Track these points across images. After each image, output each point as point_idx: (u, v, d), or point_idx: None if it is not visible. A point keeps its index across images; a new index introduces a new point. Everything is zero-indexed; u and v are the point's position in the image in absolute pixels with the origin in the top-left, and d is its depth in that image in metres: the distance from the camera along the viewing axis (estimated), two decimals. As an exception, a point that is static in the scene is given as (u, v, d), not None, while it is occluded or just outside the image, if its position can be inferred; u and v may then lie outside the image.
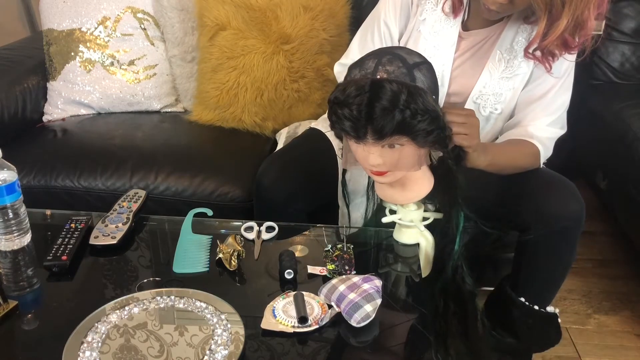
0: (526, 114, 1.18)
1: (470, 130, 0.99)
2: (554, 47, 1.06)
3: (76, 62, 1.76)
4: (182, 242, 1.12)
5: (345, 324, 0.90)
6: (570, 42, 1.05)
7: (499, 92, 1.18)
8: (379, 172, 0.99)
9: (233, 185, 1.47)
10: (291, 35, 1.64)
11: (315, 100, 1.71)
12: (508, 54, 1.17)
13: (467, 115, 1.00)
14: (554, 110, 1.18)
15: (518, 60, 1.16)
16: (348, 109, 0.90)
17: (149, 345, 0.86)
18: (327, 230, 1.18)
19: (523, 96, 1.19)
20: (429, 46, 1.20)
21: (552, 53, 1.09)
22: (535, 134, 1.16)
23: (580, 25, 1.02)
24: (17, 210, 1.07)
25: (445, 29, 1.19)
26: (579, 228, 1.14)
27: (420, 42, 1.20)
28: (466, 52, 1.20)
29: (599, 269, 1.90)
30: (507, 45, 1.17)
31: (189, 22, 1.74)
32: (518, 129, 1.18)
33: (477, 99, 1.19)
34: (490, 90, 1.18)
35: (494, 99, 1.18)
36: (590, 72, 2.01)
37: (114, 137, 1.63)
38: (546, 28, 1.01)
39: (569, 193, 1.13)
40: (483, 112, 1.19)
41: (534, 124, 1.17)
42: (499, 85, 1.18)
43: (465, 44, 1.20)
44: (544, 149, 1.17)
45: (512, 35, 1.16)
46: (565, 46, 1.06)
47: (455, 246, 0.99)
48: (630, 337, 1.61)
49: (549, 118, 1.18)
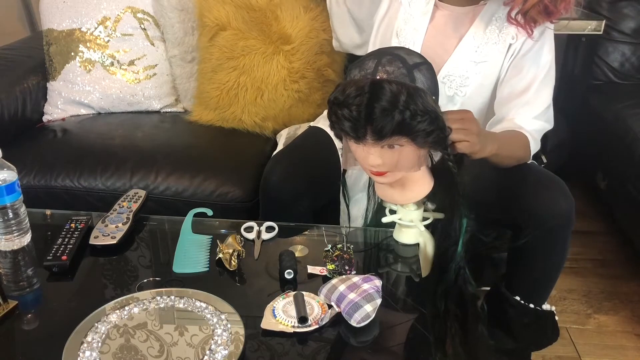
0: (510, 108, 1.19)
1: (469, 136, 0.97)
2: (534, 12, 1.08)
3: (76, 62, 1.76)
4: (182, 242, 1.12)
5: (345, 324, 0.90)
6: (550, 9, 1.07)
7: (466, 75, 1.19)
8: (378, 173, 0.99)
9: (233, 185, 1.47)
10: (291, 36, 1.64)
11: (316, 100, 1.71)
12: (481, 38, 1.18)
13: (463, 119, 0.98)
14: (538, 104, 1.19)
15: (489, 46, 1.18)
16: (348, 110, 0.90)
17: (149, 345, 0.86)
18: (327, 230, 1.18)
19: (505, 92, 1.20)
20: (408, 15, 1.22)
21: (534, 19, 1.10)
22: (523, 127, 1.17)
23: None
24: (17, 210, 1.07)
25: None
26: (570, 226, 1.15)
27: (400, 11, 1.23)
28: (439, 26, 1.21)
29: (599, 269, 1.90)
30: (481, 31, 1.18)
31: (189, 22, 1.74)
32: (505, 123, 1.19)
33: (444, 77, 1.20)
34: (457, 72, 1.19)
35: (460, 81, 1.20)
36: (590, 72, 2.01)
37: (114, 137, 1.63)
38: None
39: (558, 191, 1.13)
40: (448, 92, 1.21)
41: (520, 117, 1.18)
42: (467, 67, 1.19)
43: (440, 16, 1.21)
44: (533, 141, 1.18)
45: (487, 20, 1.18)
46: (546, 12, 1.08)
47: (458, 248, 0.99)
48: (630, 337, 1.61)
49: (534, 111, 1.18)
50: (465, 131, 0.97)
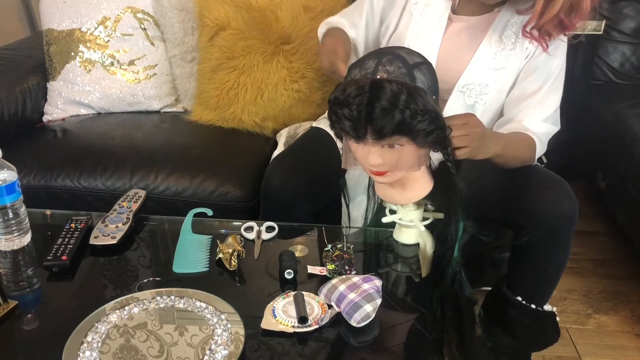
0: (519, 110, 1.19)
1: (469, 142, 0.96)
2: (550, 27, 1.08)
3: (76, 62, 1.76)
4: (182, 242, 1.12)
5: (345, 324, 0.90)
6: (566, 23, 1.07)
7: (485, 82, 1.19)
8: (378, 172, 0.99)
9: (233, 185, 1.47)
10: (291, 36, 1.64)
11: (316, 100, 1.71)
12: (497, 45, 1.18)
13: (465, 124, 0.97)
14: (547, 107, 1.18)
15: (506, 53, 1.17)
16: (348, 109, 0.90)
17: (149, 345, 0.86)
18: (327, 230, 1.18)
19: (515, 93, 1.20)
20: (420, 28, 1.21)
21: (549, 33, 1.10)
22: (531, 129, 1.17)
23: (576, 6, 1.04)
24: (17, 210, 1.07)
25: (435, 11, 1.21)
26: (572, 226, 1.14)
27: (411, 25, 1.22)
28: (454, 36, 1.21)
29: (599, 269, 1.90)
30: (496, 37, 1.18)
31: (189, 22, 1.74)
32: (513, 124, 1.19)
33: (462, 87, 1.20)
34: (476, 80, 1.19)
35: (480, 89, 1.19)
36: (590, 72, 2.01)
37: (114, 137, 1.63)
38: (543, 7, 1.04)
39: (561, 192, 1.13)
40: (468, 101, 1.20)
41: (528, 120, 1.18)
42: (486, 75, 1.18)
43: (454, 28, 1.21)
44: (539, 143, 1.18)
45: (502, 28, 1.17)
46: (561, 27, 1.08)
47: (454, 253, 0.99)
48: (630, 337, 1.61)
49: (543, 114, 1.18)
50: (467, 137, 0.96)
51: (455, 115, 0.99)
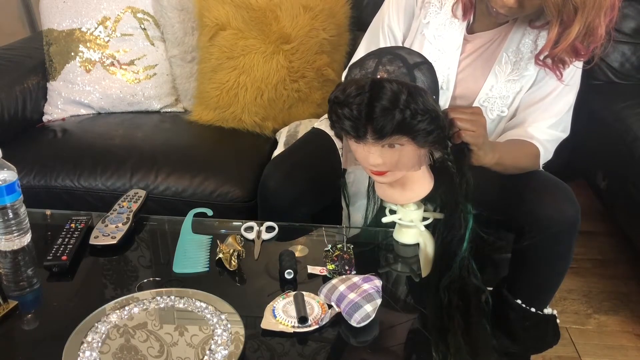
0: (527, 115, 1.18)
1: (476, 127, 0.98)
2: (564, 54, 1.05)
3: (76, 62, 1.76)
4: (182, 242, 1.12)
5: (345, 324, 0.90)
6: (580, 50, 1.04)
7: (506, 94, 1.17)
8: (379, 172, 0.99)
9: (233, 185, 1.47)
10: (291, 35, 1.64)
11: (315, 100, 1.71)
12: (514, 55, 1.16)
13: (473, 112, 0.99)
14: (555, 113, 1.17)
15: (525, 62, 1.15)
16: (348, 109, 0.90)
17: (149, 345, 0.86)
18: (327, 230, 1.18)
19: (525, 98, 1.19)
20: (434, 49, 1.19)
21: (563, 60, 1.08)
22: (536, 136, 1.16)
23: (590, 32, 1.00)
24: (17, 210, 1.07)
25: (450, 31, 1.18)
26: (575, 232, 1.13)
27: (425, 46, 1.19)
28: (471, 54, 1.19)
29: (599, 269, 1.90)
30: (514, 47, 1.16)
31: (189, 22, 1.74)
32: (518, 130, 1.18)
33: (483, 102, 1.19)
34: (497, 93, 1.18)
35: (501, 102, 1.18)
36: (590, 72, 2.01)
37: (114, 137, 1.63)
38: (557, 35, 1.00)
39: (564, 197, 1.12)
40: (490, 115, 1.19)
41: (535, 126, 1.17)
42: (506, 87, 1.17)
43: (471, 47, 1.19)
44: (544, 150, 1.17)
45: (519, 37, 1.16)
46: (575, 53, 1.05)
47: (464, 243, 0.99)
48: (630, 337, 1.61)
49: (550, 120, 1.17)
50: (473, 122, 0.97)
51: (461, 107, 1.00)
